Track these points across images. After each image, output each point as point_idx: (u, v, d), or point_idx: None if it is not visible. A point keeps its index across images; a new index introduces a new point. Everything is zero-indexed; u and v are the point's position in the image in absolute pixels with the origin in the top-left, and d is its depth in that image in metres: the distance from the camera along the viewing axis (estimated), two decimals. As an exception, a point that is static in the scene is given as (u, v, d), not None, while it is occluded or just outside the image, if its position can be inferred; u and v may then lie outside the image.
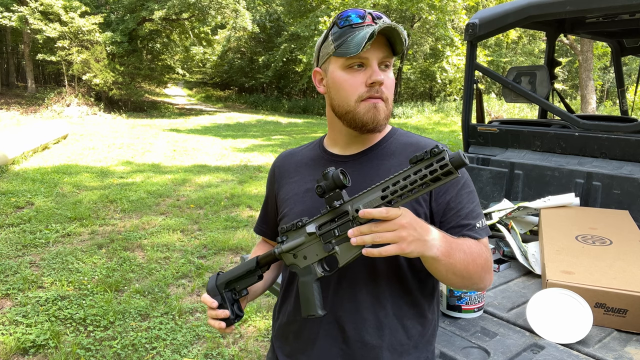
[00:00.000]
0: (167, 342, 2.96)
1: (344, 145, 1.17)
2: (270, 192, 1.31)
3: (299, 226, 1.01)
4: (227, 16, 21.05)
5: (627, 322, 1.44)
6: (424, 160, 0.83)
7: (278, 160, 1.32)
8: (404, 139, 1.17)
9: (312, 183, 1.14)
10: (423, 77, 27.47)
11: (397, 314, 1.09)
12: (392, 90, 1.09)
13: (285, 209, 1.20)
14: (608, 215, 2.10)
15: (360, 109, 1.06)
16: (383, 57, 1.05)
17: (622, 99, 3.95)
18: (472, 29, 2.82)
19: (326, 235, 0.96)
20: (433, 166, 0.81)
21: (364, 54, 1.02)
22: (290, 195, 1.20)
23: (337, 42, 1.05)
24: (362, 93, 1.05)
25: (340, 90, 1.08)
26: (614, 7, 2.25)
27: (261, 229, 1.37)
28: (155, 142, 11.97)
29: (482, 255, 1.04)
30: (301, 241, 1.00)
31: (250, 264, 1.10)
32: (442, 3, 19.86)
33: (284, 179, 1.25)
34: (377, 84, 1.04)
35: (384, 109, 1.07)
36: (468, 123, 3.03)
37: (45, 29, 16.53)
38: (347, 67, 1.06)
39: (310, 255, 1.00)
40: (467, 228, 1.06)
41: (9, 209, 5.54)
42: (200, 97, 32.55)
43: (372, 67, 1.04)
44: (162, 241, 4.77)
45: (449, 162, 0.80)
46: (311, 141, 1.31)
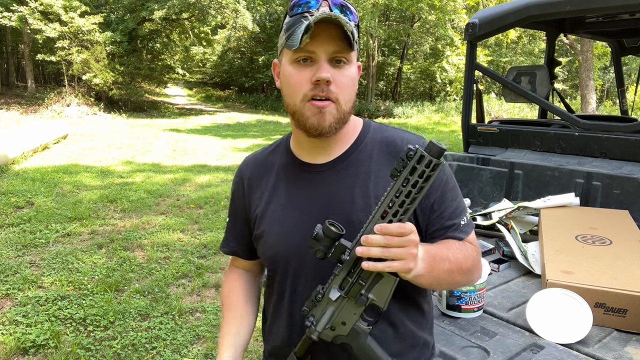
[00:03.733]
0: (167, 342, 2.96)
1: (310, 150, 1.06)
2: (239, 206, 1.17)
3: (320, 299, 0.92)
4: (227, 16, 21.05)
5: (627, 322, 1.44)
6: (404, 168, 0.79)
7: (244, 168, 1.17)
8: (380, 135, 1.07)
9: (287, 198, 1.06)
10: (423, 77, 27.48)
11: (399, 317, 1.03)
12: (347, 89, 0.96)
13: (261, 229, 1.09)
14: (608, 215, 2.10)
15: (305, 110, 0.95)
16: (334, 52, 0.92)
17: (622, 99, 3.95)
18: (472, 28, 2.82)
19: (353, 291, 0.89)
20: (418, 169, 0.78)
21: (310, 47, 0.91)
22: (266, 213, 1.08)
23: (287, 33, 0.95)
24: (307, 91, 0.94)
25: (287, 87, 0.98)
26: (614, 7, 2.25)
27: (232, 249, 1.22)
28: (155, 142, 11.97)
29: (468, 258, 1.00)
30: (332, 311, 0.91)
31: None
32: (442, 3, 19.85)
33: (255, 191, 1.12)
34: (322, 81, 0.92)
35: (333, 113, 0.95)
36: (468, 123, 3.03)
37: (45, 29, 16.53)
38: (294, 61, 0.95)
39: (347, 318, 0.91)
40: (452, 229, 1.02)
41: (9, 209, 5.54)
42: (200, 97, 32.55)
43: (318, 63, 0.93)
44: (162, 241, 4.77)
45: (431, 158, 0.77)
46: (276, 141, 1.18)
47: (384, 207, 0.82)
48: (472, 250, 1.04)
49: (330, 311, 0.91)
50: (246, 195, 1.14)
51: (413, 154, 0.78)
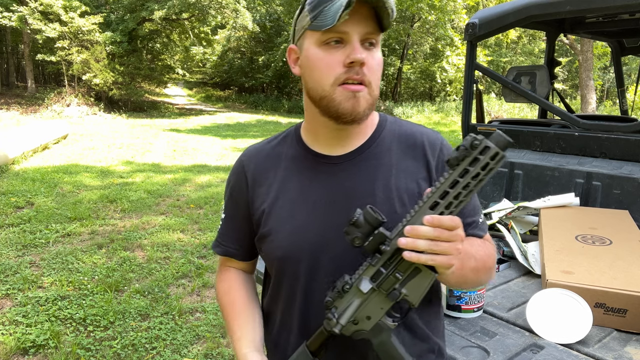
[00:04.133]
0: (167, 342, 2.96)
1: (327, 141, 0.99)
2: (239, 202, 1.06)
3: (347, 290, 0.84)
4: (227, 16, 21.05)
5: (627, 322, 1.44)
6: (466, 157, 0.73)
7: (247, 160, 1.07)
8: (398, 128, 1.03)
9: (299, 193, 0.98)
10: (423, 77, 27.47)
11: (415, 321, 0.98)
12: (377, 73, 0.91)
13: (267, 227, 1.00)
14: (608, 215, 2.10)
15: (336, 95, 0.89)
16: (367, 33, 0.88)
17: (622, 98, 3.95)
18: (472, 28, 2.82)
19: (386, 284, 0.82)
20: (480, 161, 0.72)
21: (342, 27, 0.85)
22: (273, 209, 0.99)
23: (313, 13, 0.88)
24: (340, 74, 0.88)
25: (314, 71, 0.91)
26: (614, 7, 2.25)
27: (225, 248, 1.10)
28: (155, 142, 11.97)
29: (490, 256, 0.98)
30: (358, 304, 0.84)
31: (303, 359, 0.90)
32: (442, 3, 19.86)
33: (260, 185, 1.03)
34: (356, 63, 0.87)
35: (367, 98, 0.90)
36: (468, 123, 3.03)
37: (45, 29, 16.52)
38: (323, 43, 0.88)
39: (373, 313, 0.84)
40: (472, 226, 0.99)
41: (9, 209, 5.54)
42: (200, 97, 32.54)
43: (352, 44, 0.87)
44: (162, 241, 4.77)
45: (498, 150, 0.71)
46: (279, 133, 1.10)
47: (435, 198, 0.76)
48: (492, 248, 1.02)
49: (357, 304, 0.84)
50: (249, 190, 1.04)
51: (478, 144, 0.72)
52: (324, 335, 0.88)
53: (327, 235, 0.94)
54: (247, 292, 1.12)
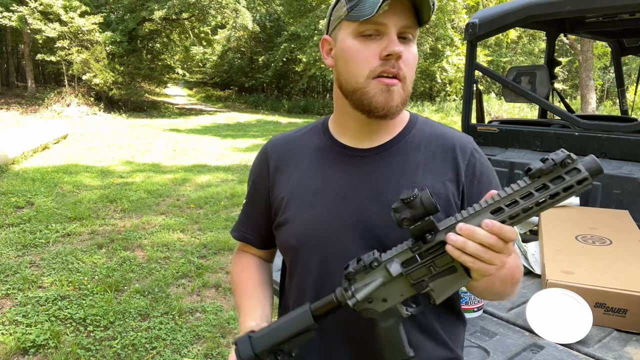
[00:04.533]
0: (167, 342, 2.96)
1: (355, 134, 0.97)
2: (260, 189, 1.06)
3: (374, 267, 0.79)
4: (227, 16, 21.05)
5: (626, 322, 1.44)
6: (551, 173, 0.68)
7: (271, 147, 1.06)
8: (428, 129, 1.01)
9: (321, 182, 0.96)
10: (423, 77, 27.47)
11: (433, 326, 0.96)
12: (413, 68, 0.90)
13: (286, 214, 0.98)
14: (608, 215, 2.11)
15: (370, 88, 0.88)
16: (404, 27, 0.86)
17: (622, 98, 3.96)
18: (472, 28, 2.82)
19: (416, 273, 0.78)
20: (566, 181, 0.67)
21: (381, 19, 0.84)
22: (293, 196, 0.98)
23: (351, 3, 0.86)
24: (375, 67, 0.86)
25: (349, 62, 0.89)
26: (614, 7, 2.25)
27: (243, 233, 1.11)
28: (155, 142, 11.96)
29: (519, 268, 0.94)
30: (380, 283, 0.80)
31: (304, 321, 0.84)
32: (442, 3, 19.86)
33: (282, 173, 1.02)
34: (393, 56, 0.85)
35: (400, 93, 0.89)
36: (468, 123, 3.03)
37: (44, 29, 16.52)
38: (359, 35, 0.87)
39: (391, 297, 0.80)
40: None
41: (9, 209, 5.54)
42: (200, 97, 32.54)
43: (389, 36, 0.85)
44: (162, 241, 4.77)
45: (587, 175, 0.67)
46: (307, 124, 1.09)
47: (502, 204, 0.71)
48: (519, 260, 0.98)
49: (379, 283, 0.79)
50: (271, 178, 1.03)
51: (569, 162, 0.67)
52: (333, 304, 0.84)
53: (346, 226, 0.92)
54: (261, 274, 1.11)
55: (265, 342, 0.85)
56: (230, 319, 3.24)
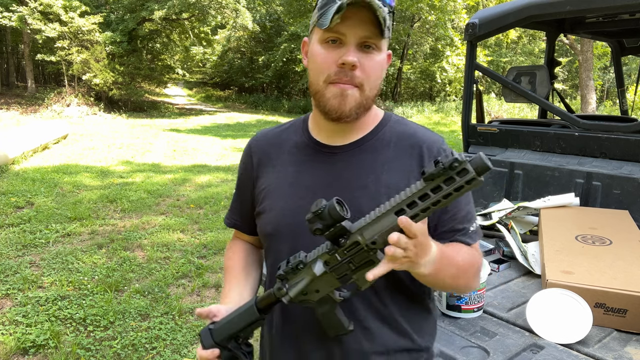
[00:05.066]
0: (167, 342, 2.96)
1: (328, 132, 1.04)
2: (245, 180, 1.16)
3: (300, 268, 0.89)
4: (227, 16, 21.04)
5: (626, 322, 1.44)
6: (442, 175, 0.73)
7: (255, 142, 1.16)
8: (400, 127, 1.06)
9: (295, 177, 1.04)
10: (423, 77, 27.47)
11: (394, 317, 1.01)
12: (374, 75, 0.95)
13: (264, 203, 1.08)
14: (608, 215, 2.11)
15: (327, 91, 0.94)
16: (364, 37, 0.91)
17: (622, 99, 3.96)
18: (472, 28, 2.82)
19: (339, 270, 0.86)
20: (456, 182, 0.73)
21: (341, 28, 0.90)
22: (271, 188, 1.07)
23: (320, 12, 0.93)
24: (331, 73, 0.93)
25: (313, 66, 0.97)
26: (614, 7, 2.25)
27: (234, 221, 1.22)
28: (155, 142, 11.96)
29: (474, 265, 1.00)
30: (308, 282, 0.89)
31: (251, 315, 0.97)
32: (442, 3, 19.88)
33: (264, 166, 1.11)
34: (347, 65, 0.91)
35: (356, 97, 0.94)
36: (468, 123, 3.03)
37: (44, 29, 16.52)
38: (324, 41, 0.93)
39: (323, 289, 0.90)
40: (461, 233, 1.01)
41: (9, 209, 5.54)
42: (200, 97, 32.54)
43: (347, 46, 0.91)
44: (162, 241, 4.77)
45: (475, 175, 0.72)
46: (291, 120, 1.17)
47: (403, 205, 0.77)
48: (479, 257, 1.03)
49: (308, 281, 0.89)
50: (254, 170, 1.13)
51: (457, 165, 0.72)
52: (273, 298, 0.94)
53: None
54: (247, 259, 1.20)
55: (222, 334, 0.98)
56: (230, 319, 3.24)
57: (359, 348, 1.00)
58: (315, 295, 0.90)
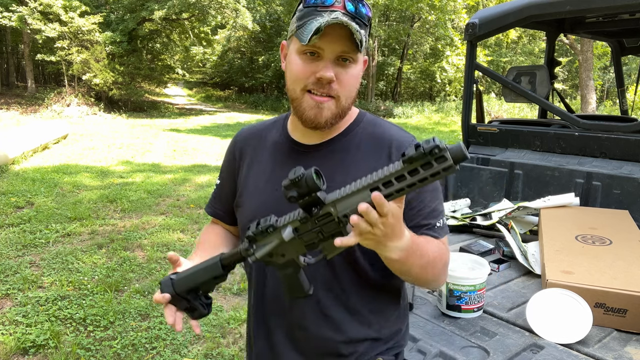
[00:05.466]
0: (167, 342, 2.96)
1: (303, 131, 1.08)
2: (228, 172, 1.20)
3: (270, 232, 0.90)
4: (227, 16, 21.05)
5: (627, 322, 1.44)
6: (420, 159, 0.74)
7: (240, 137, 1.21)
8: (371, 128, 1.09)
9: (272, 174, 1.09)
10: (423, 77, 27.48)
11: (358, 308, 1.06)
12: (350, 87, 0.99)
13: (242, 197, 1.13)
14: (608, 215, 2.11)
15: (304, 101, 0.99)
16: (341, 52, 0.95)
17: (622, 98, 3.96)
18: (472, 28, 2.82)
19: (307, 237, 0.87)
20: (433, 167, 0.74)
21: (319, 43, 0.93)
22: (248, 183, 1.13)
23: (298, 23, 0.96)
24: (309, 84, 0.97)
25: (291, 74, 1.00)
26: (614, 7, 2.25)
27: (215, 210, 1.25)
28: (155, 142, 11.97)
29: (442, 259, 1.02)
30: (276, 244, 0.91)
31: (214, 269, 0.98)
32: (442, 3, 19.87)
33: (245, 161, 1.16)
34: (324, 80, 0.95)
35: (332, 109, 0.98)
36: (468, 123, 3.03)
37: (44, 29, 16.52)
38: (301, 53, 0.97)
39: (289, 253, 0.91)
40: (427, 227, 1.03)
41: (9, 209, 5.54)
42: (200, 97, 32.55)
43: (324, 61, 0.95)
44: (162, 241, 4.77)
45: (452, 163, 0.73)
46: (275, 117, 1.21)
47: (379, 183, 0.78)
48: (446, 252, 1.06)
49: (275, 244, 0.90)
50: (236, 164, 1.18)
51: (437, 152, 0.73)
52: (238, 256, 0.96)
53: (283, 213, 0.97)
54: (220, 238, 1.23)
55: (184, 285, 0.99)
56: (230, 319, 3.25)
57: (322, 335, 1.05)
58: (280, 259, 0.92)
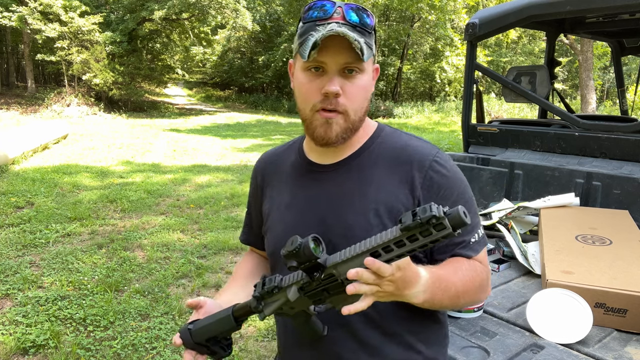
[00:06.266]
0: (167, 342, 2.96)
1: (319, 151, 1.05)
2: (254, 200, 1.21)
3: (275, 293, 0.91)
4: (227, 16, 21.04)
5: (627, 322, 1.44)
6: (416, 228, 0.74)
7: (260, 165, 1.20)
8: (391, 142, 1.04)
9: (291, 197, 1.07)
10: (423, 77, 27.47)
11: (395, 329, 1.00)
12: (357, 99, 0.96)
13: (267, 223, 1.12)
14: (608, 215, 2.10)
15: (313, 119, 0.96)
16: (345, 64, 0.92)
17: (622, 99, 3.96)
18: (472, 28, 2.82)
19: (313, 295, 0.88)
20: (433, 235, 0.74)
21: (321, 57, 0.91)
22: (272, 210, 1.11)
23: (300, 40, 0.94)
24: (316, 102, 0.94)
25: (298, 94, 0.98)
26: (614, 7, 2.25)
27: (247, 238, 1.27)
28: (155, 142, 11.97)
29: (476, 280, 0.97)
30: (282, 303, 0.91)
31: (227, 323, 1.00)
32: (442, 3, 19.87)
33: (267, 186, 1.15)
34: (330, 95, 0.92)
35: (340, 124, 0.95)
36: (468, 123, 3.03)
37: (44, 29, 16.53)
38: (305, 69, 0.95)
39: (298, 306, 0.91)
40: (461, 246, 0.97)
41: (9, 209, 5.54)
42: (200, 97, 32.54)
43: (329, 75, 0.92)
44: (162, 241, 4.77)
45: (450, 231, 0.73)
46: (292, 140, 1.19)
47: (379, 248, 0.78)
48: (482, 270, 0.99)
49: (281, 302, 0.91)
50: (259, 190, 1.18)
51: (435, 222, 0.73)
52: (248, 310, 0.98)
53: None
54: (254, 269, 1.24)
55: (200, 336, 1.02)
56: (230, 319, 3.24)
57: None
58: (290, 311, 0.93)
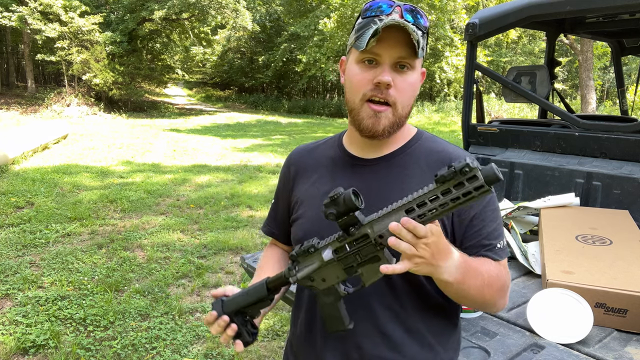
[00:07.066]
0: (167, 342, 2.96)
1: (360, 145, 1.09)
2: (282, 191, 1.23)
3: (312, 252, 0.94)
4: (227, 16, 21.04)
5: (627, 322, 1.44)
6: (452, 179, 0.75)
7: (294, 156, 1.24)
8: (430, 144, 1.09)
9: (330, 185, 1.08)
10: (423, 77, 27.43)
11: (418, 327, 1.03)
12: (407, 94, 0.99)
13: (299, 211, 1.14)
14: (608, 215, 2.11)
15: (362, 110, 1.00)
16: (399, 57, 0.96)
17: (622, 99, 3.96)
18: (472, 28, 2.82)
19: (346, 260, 0.90)
20: (465, 187, 0.75)
21: (376, 49, 0.95)
22: (306, 196, 1.13)
23: (357, 34, 0.98)
24: (367, 91, 0.98)
25: (349, 85, 1.02)
26: (614, 7, 2.25)
27: (270, 229, 1.28)
28: (155, 142, 11.96)
29: (500, 279, 0.99)
30: (317, 266, 0.93)
31: (260, 292, 1.01)
32: (442, 3, 19.86)
33: (301, 177, 1.17)
34: (382, 84, 0.96)
35: (389, 118, 0.99)
36: (468, 123, 3.03)
37: (44, 29, 16.52)
38: (360, 61, 0.99)
39: (329, 278, 0.93)
40: (487, 248, 1.01)
41: (9, 209, 5.54)
42: (200, 97, 32.54)
43: (382, 66, 0.96)
44: (162, 241, 4.77)
45: (483, 183, 0.74)
46: (328, 137, 1.23)
47: (413, 204, 0.80)
48: (505, 275, 1.02)
49: (316, 266, 0.93)
50: (292, 181, 1.19)
51: (468, 171, 0.74)
52: (282, 280, 0.99)
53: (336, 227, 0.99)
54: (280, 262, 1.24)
55: (231, 306, 1.02)
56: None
57: (379, 355, 1.01)
58: (321, 284, 0.94)
